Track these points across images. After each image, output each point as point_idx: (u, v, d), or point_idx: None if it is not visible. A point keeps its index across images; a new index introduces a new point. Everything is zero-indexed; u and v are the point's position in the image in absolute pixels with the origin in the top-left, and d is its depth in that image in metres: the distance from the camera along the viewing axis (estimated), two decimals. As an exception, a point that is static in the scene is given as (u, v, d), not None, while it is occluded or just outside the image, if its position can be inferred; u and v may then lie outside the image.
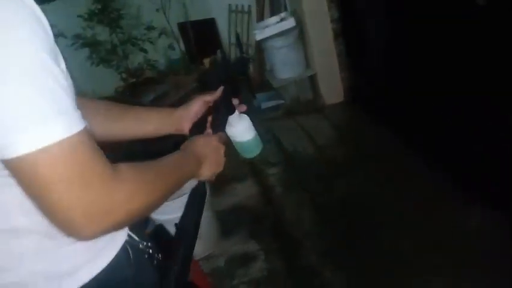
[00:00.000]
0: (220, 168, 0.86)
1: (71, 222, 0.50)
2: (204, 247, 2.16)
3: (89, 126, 0.53)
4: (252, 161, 2.82)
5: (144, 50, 4.23)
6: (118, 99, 3.94)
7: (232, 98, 0.95)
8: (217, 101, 0.95)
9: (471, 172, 1.98)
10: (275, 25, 3.46)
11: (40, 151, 0.47)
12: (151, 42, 4.26)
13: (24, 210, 0.56)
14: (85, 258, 0.63)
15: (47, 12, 0.51)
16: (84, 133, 0.51)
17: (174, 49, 4.57)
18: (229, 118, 0.93)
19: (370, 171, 2.45)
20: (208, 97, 0.95)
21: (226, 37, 4.59)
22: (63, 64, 0.53)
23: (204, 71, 4.45)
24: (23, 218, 0.57)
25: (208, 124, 0.92)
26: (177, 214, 0.84)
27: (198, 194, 0.84)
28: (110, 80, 4.24)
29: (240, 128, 0.96)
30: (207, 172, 0.82)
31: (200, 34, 4.58)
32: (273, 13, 3.90)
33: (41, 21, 0.50)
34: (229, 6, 4.46)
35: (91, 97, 1.10)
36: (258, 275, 1.98)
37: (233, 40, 4.51)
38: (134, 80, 4.34)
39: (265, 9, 4.14)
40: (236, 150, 1.01)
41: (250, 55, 4.32)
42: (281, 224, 2.30)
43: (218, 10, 4.51)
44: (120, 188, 0.53)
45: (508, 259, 1.60)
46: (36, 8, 0.50)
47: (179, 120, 0.94)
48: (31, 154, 0.46)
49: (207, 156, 0.82)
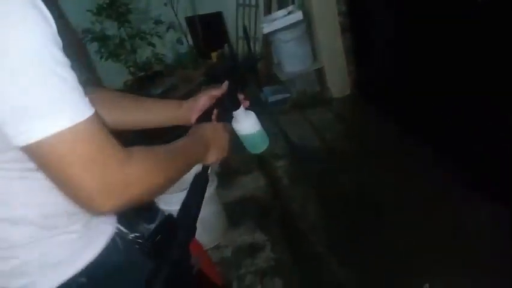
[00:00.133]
0: (225, 153, 0.89)
1: (92, 199, 0.55)
2: (213, 237, 2.20)
3: (100, 113, 0.57)
4: (259, 154, 2.85)
5: (152, 44, 4.24)
6: (127, 92, 3.96)
7: (238, 93, 0.96)
8: (223, 96, 0.97)
9: (472, 171, 1.99)
10: (283, 18, 3.46)
11: (57, 135, 0.51)
12: (159, 36, 4.27)
13: (23, 202, 0.61)
14: (78, 246, 0.66)
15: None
16: (95, 117, 0.55)
17: (182, 43, 4.58)
18: (234, 113, 0.95)
19: (374, 167, 2.46)
20: (214, 91, 0.98)
21: (233, 31, 4.59)
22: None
23: (212, 65, 4.46)
24: (22, 210, 0.62)
25: (213, 117, 0.94)
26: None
27: (201, 179, 0.87)
28: (118, 74, 4.27)
29: (245, 123, 0.97)
30: (213, 156, 0.86)
31: (208, 28, 4.58)
32: (281, 6, 3.89)
33: (44, 13, 0.52)
34: (236, -1, 4.47)
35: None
36: (265, 265, 2.02)
37: (241, 34, 4.51)
38: (142, 74, 4.37)
39: (272, 2, 4.13)
40: (243, 144, 1.02)
41: (258, 51, 4.31)
42: (287, 216, 2.33)
43: (226, 4, 4.51)
44: (134, 167, 0.58)
45: (508, 259, 1.59)
46: (37, 1, 0.52)
47: (187, 112, 0.97)
48: (49, 138, 0.51)
49: (214, 141, 0.86)
